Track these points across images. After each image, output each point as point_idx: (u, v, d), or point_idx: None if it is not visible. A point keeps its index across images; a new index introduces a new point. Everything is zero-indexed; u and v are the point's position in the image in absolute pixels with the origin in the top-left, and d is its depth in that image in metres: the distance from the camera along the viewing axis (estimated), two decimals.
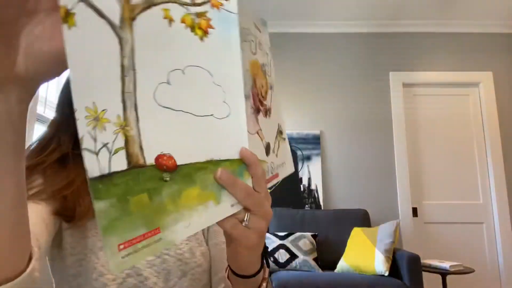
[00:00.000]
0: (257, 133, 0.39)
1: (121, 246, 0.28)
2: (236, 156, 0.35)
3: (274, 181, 0.42)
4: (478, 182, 3.16)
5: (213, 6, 0.34)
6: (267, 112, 0.42)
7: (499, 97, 3.24)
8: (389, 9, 3.15)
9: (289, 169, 0.48)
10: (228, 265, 0.46)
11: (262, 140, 0.40)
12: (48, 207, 0.55)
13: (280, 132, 0.46)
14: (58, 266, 0.58)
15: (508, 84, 3.28)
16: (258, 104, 0.40)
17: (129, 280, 0.56)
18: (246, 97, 0.36)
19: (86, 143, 0.28)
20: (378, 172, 3.15)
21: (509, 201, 3.08)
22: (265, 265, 0.47)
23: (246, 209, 0.37)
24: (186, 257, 0.60)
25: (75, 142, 0.64)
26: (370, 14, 3.22)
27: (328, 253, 2.68)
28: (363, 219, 2.83)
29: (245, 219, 0.38)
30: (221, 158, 0.35)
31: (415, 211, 3.10)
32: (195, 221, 0.33)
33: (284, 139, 0.48)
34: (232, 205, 0.36)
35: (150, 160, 0.30)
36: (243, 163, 0.36)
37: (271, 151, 0.42)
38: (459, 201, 3.13)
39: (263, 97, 0.41)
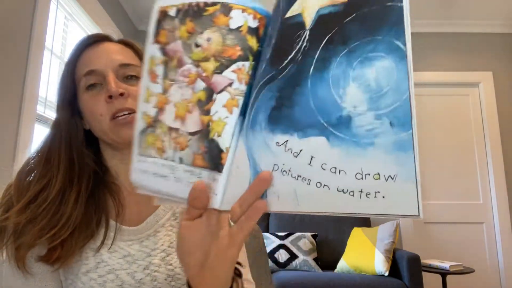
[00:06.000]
0: None
1: None
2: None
3: None
4: (478, 182, 3.16)
5: None
6: None
7: (499, 97, 3.24)
8: None
9: None
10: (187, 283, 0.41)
11: None
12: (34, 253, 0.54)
13: None
14: None
15: (508, 84, 3.28)
16: None
17: None
18: None
19: None
20: None
21: (509, 201, 3.08)
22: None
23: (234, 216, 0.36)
24: (177, 273, 0.59)
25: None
26: None
27: (328, 253, 2.68)
28: (363, 219, 2.83)
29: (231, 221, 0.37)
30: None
31: None
32: None
33: None
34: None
35: None
36: None
37: None
38: (459, 201, 3.13)
39: None
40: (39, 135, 1.73)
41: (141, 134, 0.42)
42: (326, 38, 0.32)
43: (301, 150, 0.32)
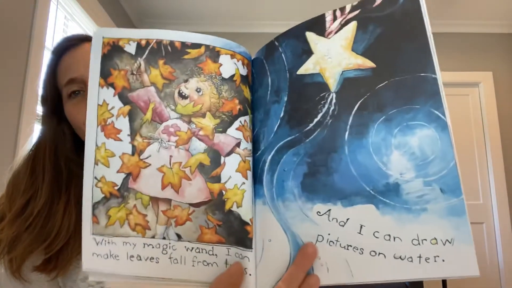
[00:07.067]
0: None
1: None
2: None
3: None
4: (478, 182, 3.16)
5: None
6: None
7: (499, 97, 3.24)
8: None
9: None
10: None
11: None
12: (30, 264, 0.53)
13: None
14: None
15: (508, 84, 3.28)
16: None
17: None
18: None
19: None
20: None
21: (509, 201, 3.08)
22: None
23: None
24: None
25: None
26: None
27: None
28: None
29: None
30: None
31: None
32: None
33: None
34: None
35: None
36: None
37: None
38: None
39: None
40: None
41: (97, 208, 0.34)
42: (359, 104, 0.32)
43: (348, 219, 0.31)
